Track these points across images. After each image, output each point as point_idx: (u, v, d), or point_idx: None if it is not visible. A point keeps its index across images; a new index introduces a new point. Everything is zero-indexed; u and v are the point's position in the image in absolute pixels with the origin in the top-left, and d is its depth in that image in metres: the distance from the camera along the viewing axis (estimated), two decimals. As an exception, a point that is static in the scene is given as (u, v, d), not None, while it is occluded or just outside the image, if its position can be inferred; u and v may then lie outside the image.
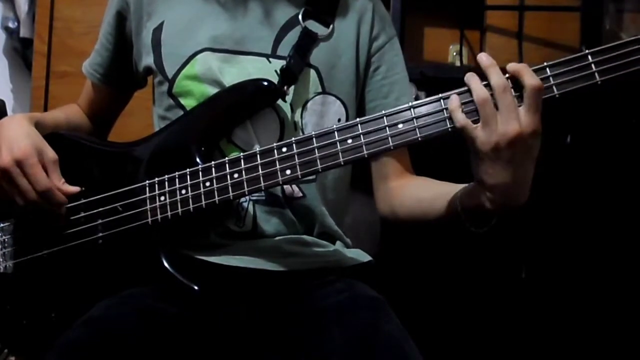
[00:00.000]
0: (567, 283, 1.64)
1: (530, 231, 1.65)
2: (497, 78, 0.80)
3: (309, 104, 1.04)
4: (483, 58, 0.81)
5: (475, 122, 0.80)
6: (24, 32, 2.17)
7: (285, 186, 1.02)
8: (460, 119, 0.81)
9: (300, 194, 1.03)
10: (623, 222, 1.63)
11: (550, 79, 0.80)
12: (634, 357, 1.59)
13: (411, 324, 0.87)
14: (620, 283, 1.62)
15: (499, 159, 0.79)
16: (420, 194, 1.04)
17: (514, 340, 1.63)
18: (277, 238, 1.01)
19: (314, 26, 1.05)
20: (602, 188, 1.61)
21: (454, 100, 0.82)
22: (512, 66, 0.80)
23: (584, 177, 1.63)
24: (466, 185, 0.90)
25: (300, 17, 1.05)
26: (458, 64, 2.01)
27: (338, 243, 1.08)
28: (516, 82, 0.80)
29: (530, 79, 0.78)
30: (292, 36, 1.04)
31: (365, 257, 1.09)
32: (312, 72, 1.04)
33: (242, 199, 1.00)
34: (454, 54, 2.06)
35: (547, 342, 1.63)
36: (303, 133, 1.01)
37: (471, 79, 0.82)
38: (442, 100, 0.84)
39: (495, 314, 1.64)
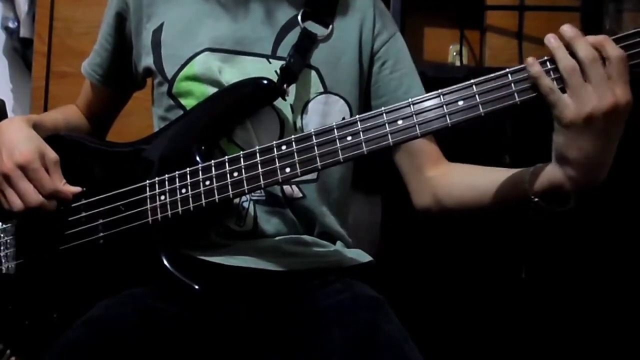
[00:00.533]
0: (567, 283, 1.64)
1: (530, 231, 1.65)
2: (586, 49, 0.76)
3: (310, 105, 1.04)
4: (567, 29, 0.77)
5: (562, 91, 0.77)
6: (24, 32, 2.18)
7: (285, 186, 1.02)
8: (548, 83, 0.77)
9: (301, 195, 1.03)
10: (623, 222, 1.63)
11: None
12: (634, 357, 1.59)
13: (411, 324, 0.87)
14: (620, 283, 1.62)
15: (589, 131, 0.76)
16: (471, 181, 0.99)
17: (514, 340, 1.63)
18: (278, 238, 1.01)
19: (313, 27, 1.05)
20: (602, 188, 1.61)
21: (535, 65, 0.78)
22: (591, 38, 0.77)
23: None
24: (533, 167, 0.86)
25: (299, 18, 1.05)
26: (458, 64, 2.01)
27: (338, 243, 1.08)
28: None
29: (613, 50, 0.75)
30: (292, 37, 1.04)
31: (365, 257, 1.09)
32: (313, 73, 1.04)
33: (243, 199, 1.00)
34: (454, 54, 2.06)
35: (547, 342, 1.63)
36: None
37: (556, 47, 0.77)
38: (441, 96, 0.83)
39: (495, 314, 1.64)
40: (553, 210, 0.84)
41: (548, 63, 0.79)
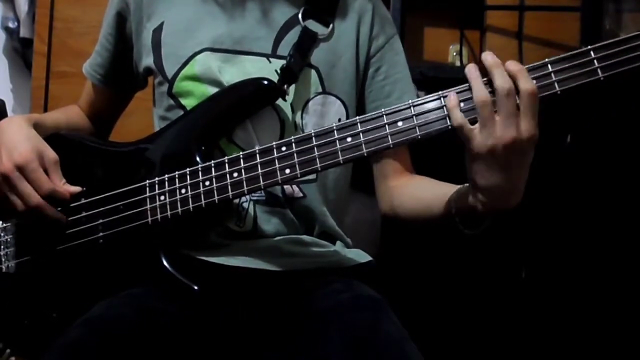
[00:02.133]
0: (567, 283, 1.64)
1: (530, 231, 1.65)
2: (501, 80, 0.78)
3: (309, 104, 1.04)
4: (488, 57, 0.80)
5: (474, 121, 0.80)
6: (24, 32, 2.17)
7: (285, 186, 1.02)
8: (458, 117, 0.80)
9: (301, 194, 1.03)
10: (623, 222, 1.63)
11: (552, 75, 0.79)
12: (634, 357, 1.59)
13: (411, 324, 0.87)
14: (620, 283, 1.62)
15: (493, 162, 0.79)
16: (419, 193, 1.04)
17: (514, 340, 1.63)
18: (277, 238, 1.01)
19: (314, 26, 1.05)
20: (602, 188, 1.62)
21: (452, 99, 0.81)
22: (509, 66, 0.78)
23: (583, 177, 1.63)
24: (461, 186, 0.90)
25: (300, 16, 1.05)
26: (458, 64, 2.01)
27: (338, 243, 1.08)
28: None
29: (525, 84, 0.77)
30: (292, 36, 1.04)
31: (365, 257, 1.09)
32: (313, 72, 1.04)
33: (243, 199, 1.00)
34: (454, 54, 2.06)
35: (547, 342, 1.63)
36: (303, 133, 1.01)
37: (473, 78, 0.80)
38: (442, 98, 0.83)
39: (495, 314, 1.64)
40: (463, 231, 0.89)
41: (463, 94, 0.81)
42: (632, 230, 1.62)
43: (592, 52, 0.79)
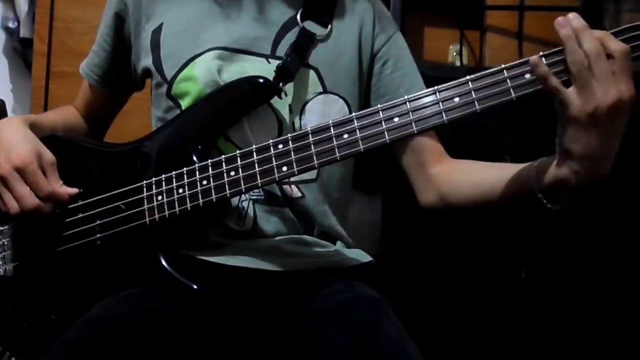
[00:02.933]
0: (567, 283, 1.64)
1: (530, 231, 1.64)
2: (591, 42, 0.75)
3: (309, 105, 1.04)
4: (574, 20, 0.78)
5: (565, 84, 0.77)
6: (24, 32, 2.17)
7: (284, 186, 1.02)
8: (554, 82, 0.77)
9: (300, 194, 1.03)
10: (623, 222, 1.63)
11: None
12: (634, 357, 1.59)
13: (411, 324, 0.86)
14: (620, 283, 1.62)
15: (594, 126, 0.76)
16: (476, 177, 0.99)
17: (514, 340, 1.63)
18: (278, 238, 1.01)
19: (312, 27, 1.05)
20: (602, 188, 1.61)
21: (541, 64, 0.78)
22: (595, 32, 0.76)
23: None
24: (538, 161, 0.86)
25: (298, 17, 1.05)
26: (458, 64, 2.01)
27: (339, 243, 1.08)
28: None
29: (615, 45, 0.75)
30: (291, 37, 1.04)
31: (365, 257, 1.08)
32: (312, 72, 1.04)
33: (242, 198, 1.00)
34: (454, 54, 2.06)
35: (547, 342, 1.63)
36: (300, 132, 1.01)
37: (569, 37, 0.77)
38: (437, 93, 0.83)
39: (495, 314, 1.64)
40: (552, 209, 0.85)
41: (551, 57, 0.79)
42: (632, 230, 1.62)
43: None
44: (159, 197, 0.94)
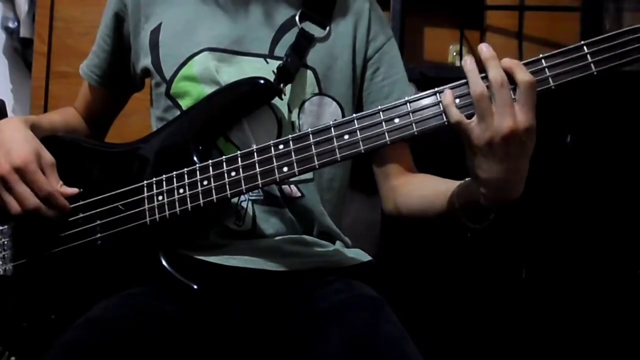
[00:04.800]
0: (567, 283, 1.64)
1: (530, 231, 1.65)
2: (495, 72, 0.78)
3: (305, 105, 1.04)
4: (484, 49, 0.80)
5: (470, 116, 0.80)
6: (24, 32, 2.18)
7: (284, 186, 1.02)
8: (455, 114, 0.80)
9: (299, 194, 1.03)
10: (623, 222, 1.63)
11: (546, 70, 0.80)
12: (634, 357, 1.59)
13: (411, 324, 0.87)
14: (620, 283, 1.62)
15: (492, 155, 0.79)
16: (421, 191, 1.03)
17: (514, 340, 1.63)
18: (277, 238, 1.01)
19: (311, 28, 1.06)
20: (602, 188, 1.61)
21: (447, 96, 0.81)
22: (505, 62, 0.79)
23: (584, 177, 1.63)
24: (463, 181, 0.90)
25: (297, 18, 1.05)
26: (458, 64, 2.01)
27: (338, 243, 1.08)
28: (511, 78, 0.79)
29: (522, 75, 0.78)
30: (289, 37, 1.04)
31: (365, 257, 1.09)
32: (309, 72, 1.05)
33: (242, 198, 1.00)
34: (454, 54, 2.06)
35: (547, 342, 1.63)
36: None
37: (470, 70, 0.80)
38: (437, 94, 0.83)
39: (495, 314, 1.64)
40: (468, 226, 0.88)
41: (459, 89, 0.82)
42: (632, 230, 1.62)
43: (585, 48, 0.80)
44: (160, 197, 0.94)
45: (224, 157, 0.92)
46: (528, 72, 0.78)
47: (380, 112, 0.85)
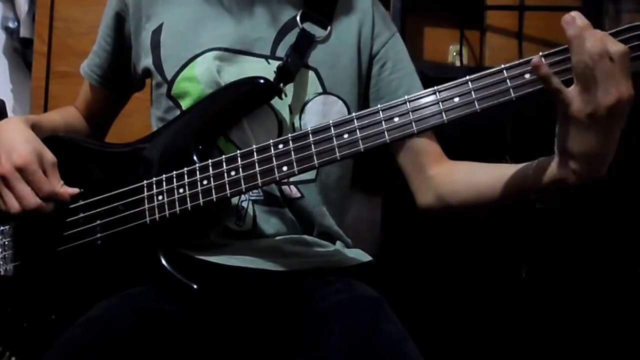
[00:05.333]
0: (567, 283, 1.64)
1: (530, 231, 1.64)
2: (594, 42, 0.75)
3: (308, 106, 1.04)
4: (577, 18, 0.77)
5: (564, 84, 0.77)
6: (24, 32, 2.17)
7: (284, 186, 1.02)
8: (556, 82, 0.77)
9: (299, 194, 1.03)
10: (623, 222, 1.63)
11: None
12: (634, 357, 1.59)
13: (411, 324, 0.87)
14: (620, 283, 1.62)
15: (594, 126, 0.76)
16: (473, 178, 1.00)
17: (514, 340, 1.63)
18: (277, 238, 1.01)
19: (312, 28, 1.06)
20: (602, 188, 1.61)
21: (543, 66, 0.77)
22: (596, 33, 0.76)
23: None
24: (537, 161, 0.87)
25: (298, 18, 1.05)
26: (458, 64, 2.01)
27: (338, 243, 1.08)
28: None
29: (616, 45, 0.75)
30: (291, 38, 1.04)
31: (365, 257, 1.09)
32: (311, 73, 1.05)
33: (242, 198, 1.00)
34: (454, 54, 2.06)
35: (547, 342, 1.63)
36: (300, 132, 1.01)
37: (576, 37, 0.76)
38: (437, 93, 0.83)
39: (495, 314, 1.64)
40: (537, 207, 0.86)
41: (551, 57, 0.79)
42: (632, 230, 1.62)
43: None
44: (160, 197, 0.94)
45: (223, 156, 0.92)
46: (618, 42, 0.76)
47: (380, 111, 0.85)
